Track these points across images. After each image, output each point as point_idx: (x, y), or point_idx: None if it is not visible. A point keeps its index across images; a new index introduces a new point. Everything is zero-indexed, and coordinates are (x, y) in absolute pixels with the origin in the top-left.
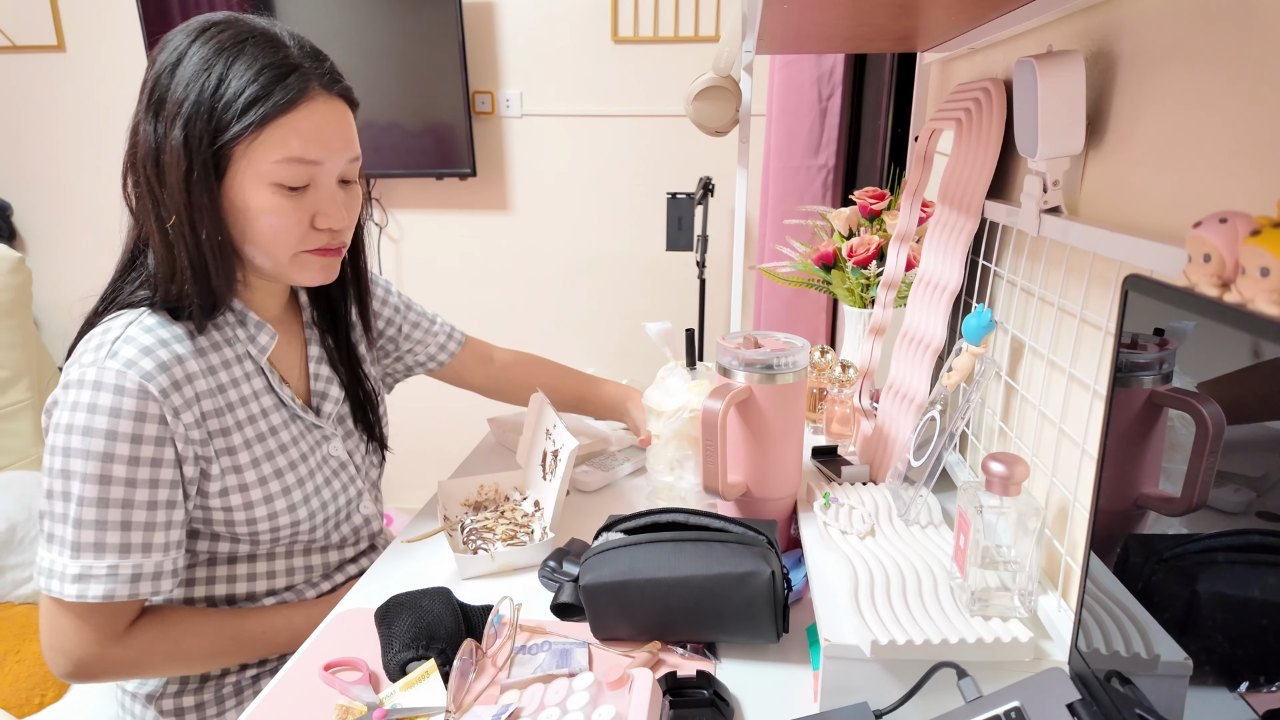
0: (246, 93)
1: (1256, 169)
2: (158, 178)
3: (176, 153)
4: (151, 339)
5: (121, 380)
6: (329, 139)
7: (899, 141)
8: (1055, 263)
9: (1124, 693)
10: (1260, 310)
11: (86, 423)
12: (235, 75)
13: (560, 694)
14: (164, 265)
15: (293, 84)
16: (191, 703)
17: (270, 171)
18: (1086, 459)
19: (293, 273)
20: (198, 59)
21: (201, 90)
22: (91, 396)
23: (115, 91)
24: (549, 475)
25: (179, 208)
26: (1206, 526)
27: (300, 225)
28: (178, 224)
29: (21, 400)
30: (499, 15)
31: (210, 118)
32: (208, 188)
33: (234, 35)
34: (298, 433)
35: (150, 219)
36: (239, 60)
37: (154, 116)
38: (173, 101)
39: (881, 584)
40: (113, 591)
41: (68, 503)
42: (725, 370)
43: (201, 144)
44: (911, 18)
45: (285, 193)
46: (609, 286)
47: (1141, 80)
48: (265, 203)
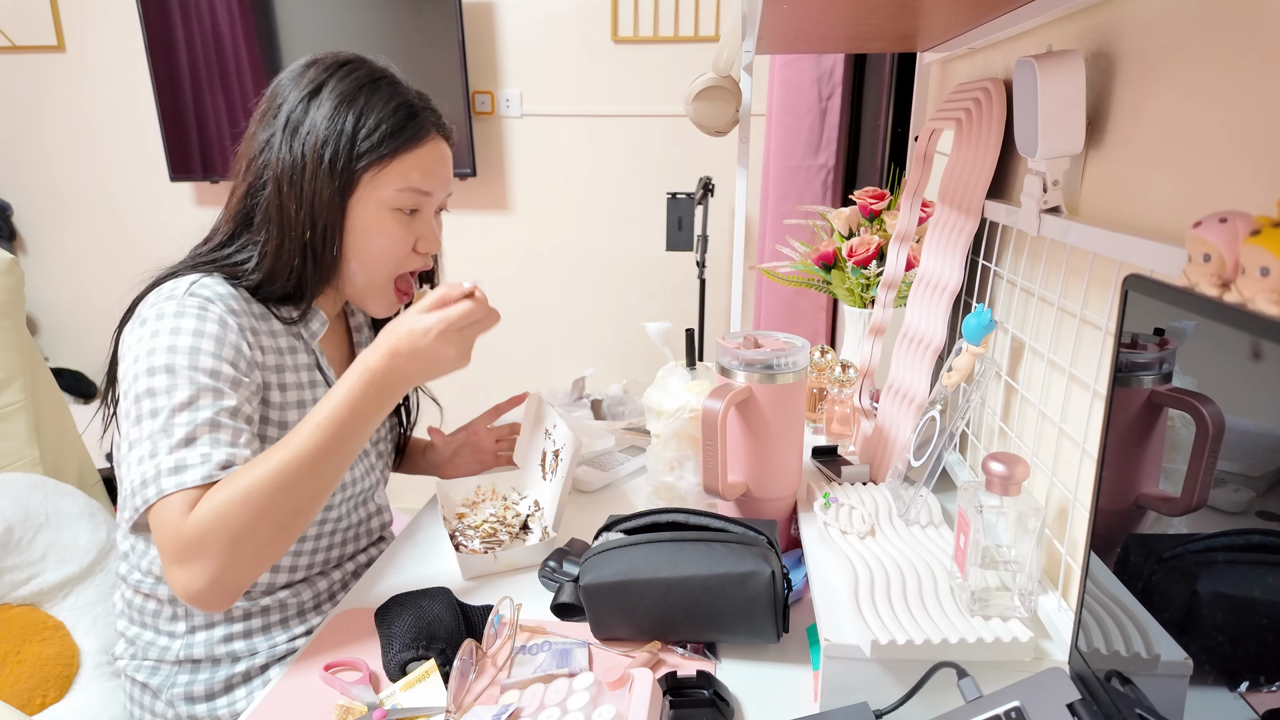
0: (384, 126)
1: (1256, 169)
2: (294, 193)
3: (320, 173)
4: (224, 289)
5: (202, 309)
6: (441, 175)
7: (899, 141)
8: (1055, 263)
9: (1124, 692)
10: (1260, 310)
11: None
12: (374, 109)
13: (560, 694)
14: (274, 264)
15: (419, 123)
16: (202, 691)
17: (391, 198)
18: (1086, 459)
19: (372, 298)
20: (339, 91)
21: (345, 120)
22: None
23: (115, 91)
24: (548, 475)
25: (313, 223)
26: (1207, 526)
27: (405, 249)
28: (311, 237)
29: (15, 402)
30: (499, 15)
31: (351, 145)
32: (341, 206)
33: (369, 74)
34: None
35: (274, 227)
36: (376, 96)
37: (291, 137)
38: (316, 127)
39: (882, 584)
40: (209, 475)
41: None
42: (725, 370)
43: (340, 167)
44: (911, 18)
45: (399, 218)
46: (609, 286)
47: (1141, 80)
48: (383, 225)
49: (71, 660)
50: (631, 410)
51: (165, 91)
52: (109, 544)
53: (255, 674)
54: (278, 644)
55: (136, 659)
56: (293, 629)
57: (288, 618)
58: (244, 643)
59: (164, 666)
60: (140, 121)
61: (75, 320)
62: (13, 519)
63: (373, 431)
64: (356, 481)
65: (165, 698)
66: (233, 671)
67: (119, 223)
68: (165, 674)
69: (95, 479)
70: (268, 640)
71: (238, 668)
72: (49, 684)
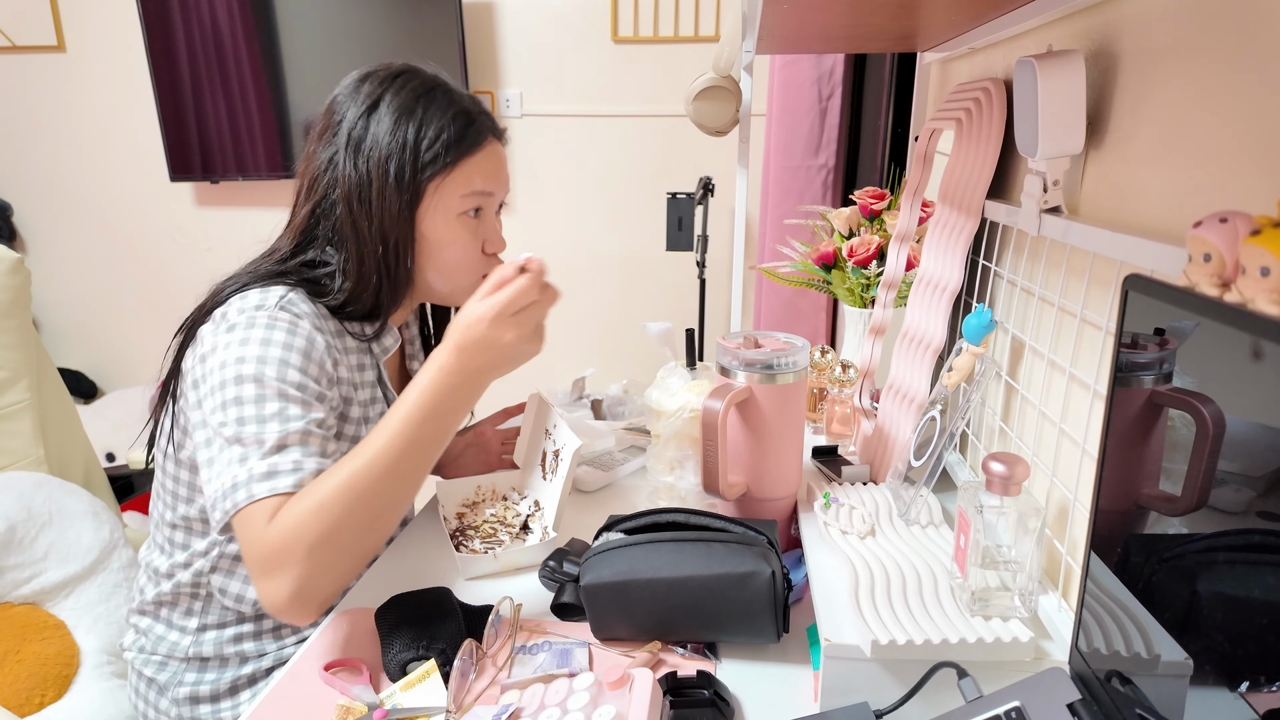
0: (444, 135)
1: (1257, 168)
2: (364, 210)
3: (389, 188)
4: (310, 308)
5: (293, 324)
6: (500, 175)
7: (899, 141)
8: (1055, 262)
9: (1124, 692)
10: (1260, 310)
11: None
12: (433, 119)
13: (560, 694)
14: (356, 284)
15: (477, 129)
16: (208, 693)
17: (458, 204)
18: (1087, 459)
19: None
20: (398, 104)
21: (407, 133)
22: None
23: (115, 91)
24: (549, 475)
25: (385, 238)
26: (1207, 526)
27: (476, 253)
28: (384, 252)
29: (21, 401)
30: (499, 15)
31: (415, 157)
32: (410, 219)
33: (423, 84)
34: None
35: (351, 246)
36: (434, 106)
37: (354, 154)
38: (379, 142)
39: (882, 584)
40: (300, 481)
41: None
42: (725, 370)
43: (406, 179)
44: (911, 18)
45: (466, 224)
46: (609, 286)
47: (1141, 80)
48: (452, 234)
49: (71, 660)
50: (631, 410)
51: (165, 91)
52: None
53: (261, 677)
54: (286, 646)
55: (145, 652)
56: (303, 631)
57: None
58: (253, 644)
59: (172, 662)
60: (140, 121)
61: (75, 320)
62: (15, 518)
63: (453, 432)
64: None
65: (171, 695)
66: (239, 673)
67: (119, 223)
68: (173, 670)
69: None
70: (277, 642)
71: (244, 670)
72: (48, 683)
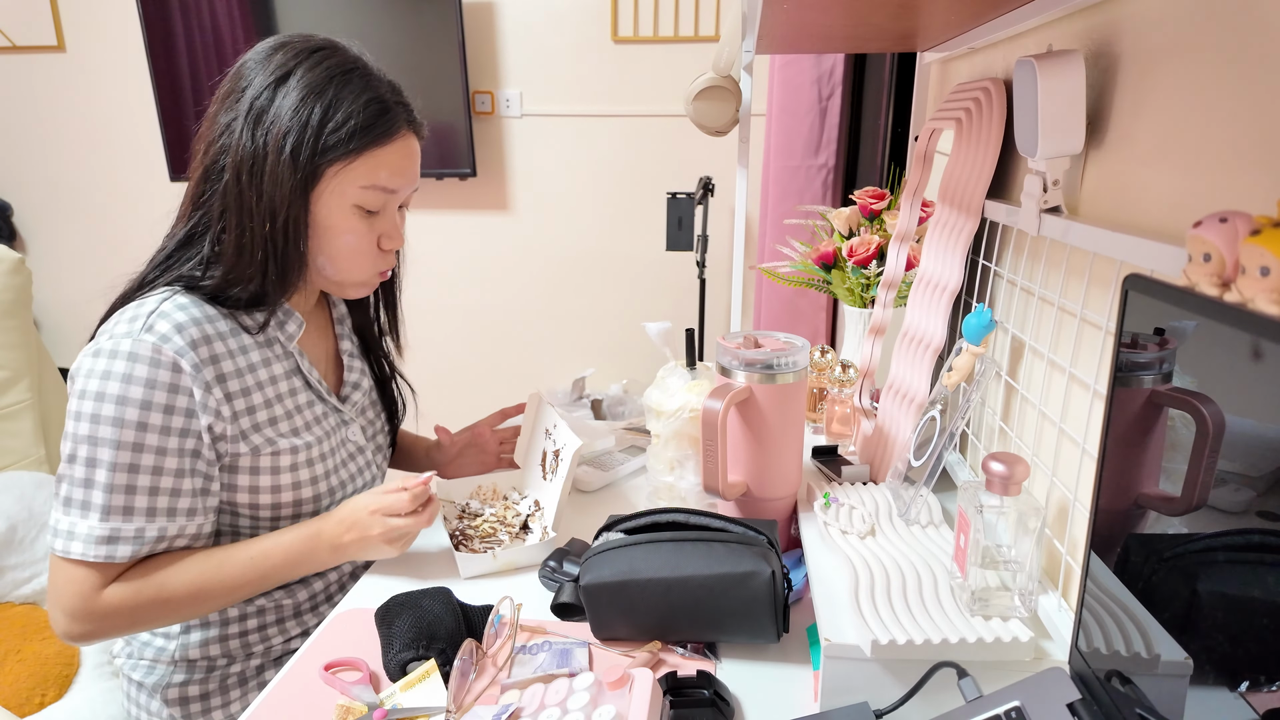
0: (352, 121)
1: (1257, 168)
2: (253, 184)
3: (282, 165)
4: (185, 316)
5: (156, 354)
6: (408, 172)
7: (899, 141)
8: (1055, 262)
9: (1124, 692)
10: (1260, 310)
11: (121, 392)
12: (344, 102)
13: (560, 694)
14: (235, 261)
15: (390, 120)
16: (197, 693)
17: (357, 195)
18: (1087, 458)
19: (350, 290)
20: (309, 81)
21: (313, 112)
22: (126, 367)
23: (115, 91)
24: (549, 475)
25: (273, 216)
26: (1207, 526)
27: (371, 246)
28: (271, 231)
29: (22, 400)
30: (499, 15)
31: (318, 138)
32: (303, 200)
33: (340, 64)
34: (320, 413)
35: (233, 217)
36: (347, 88)
37: (254, 124)
38: (280, 116)
39: (882, 584)
40: (138, 552)
41: (94, 469)
42: (725, 370)
43: (303, 159)
44: (911, 17)
45: (363, 215)
46: (609, 286)
47: (1142, 80)
48: (347, 223)
49: (71, 660)
50: (631, 410)
51: (165, 91)
52: None
53: (251, 675)
54: (273, 645)
55: (133, 658)
56: (289, 630)
57: (283, 619)
58: (239, 642)
59: (159, 666)
60: (140, 121)
61: (75, 320)
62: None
63: (296, 578)
64: (345, 484)
65: (161, 697)
66: (227, 673)
67: (119, 223)
68: (161, 673)
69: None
70: (263, 642)
71: (233, 669)
72: (49, 683)
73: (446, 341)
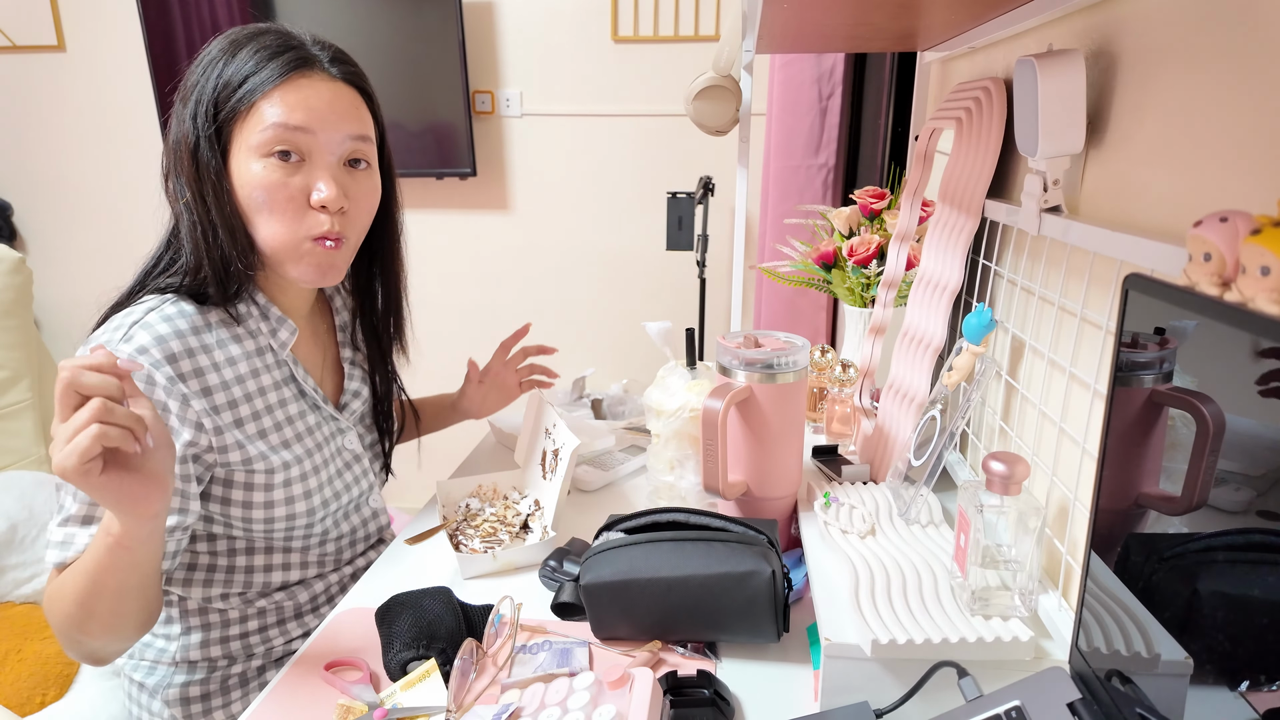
0: (243, 71)
1: (1257, 168)
2: (176, 162)
3: (188, 135)
4: (168, 328)
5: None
6: (319, 110)
7: (899, 140)
8: (1055, 262)
9: (1125, 692)
10: (1261, 309)
11: None
12: (240, 61)
13: (561, 693)
14: (189, 247)
15: (286, 60)
16: (198, 693)
17: (260, 142)
18: (1087, 458)
19: (291, 264)
20: (215, 50)
21: (210, 75)
22: None
23: (115, 91)
24: (549, 475)
25: (192, 186)
26: (1207, 525)
27: (294, 202)
28: (193, 202)
29: (22, 400)
30: (499, 15)
31: (214, 98)
32: (214, 166)
33: (252, 32)
34: (315, 422)
35: (183, 205)
36: (246, 48)
37: (181, 104)
38: (188, 89)
39: (882, 583)
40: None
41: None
42: (725, 370)
43: (206, 123)
44: (911, 17)
45: (277, 164)
46: (609, 286)
47: (1142, 79)
48: (258, 175)
49: (72, 660)
50: (631, 410)
51: (165, 91)
52: None
53: (252, 676)
54: (274, 646)
55: (134, 658)
56: (290, 631)
57: (284, 620)
58: (239, 643)
59: (160, 667)
60: (140, 121)
61: (75, 320)
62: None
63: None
64: (340, 495)
65: (162, 698)
66: (229, 673)
67: (119, 223)
68: (162, 674)
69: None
70: (264, 643)
71: (234, 669)
72: (49, 682)
73: (446, 341)
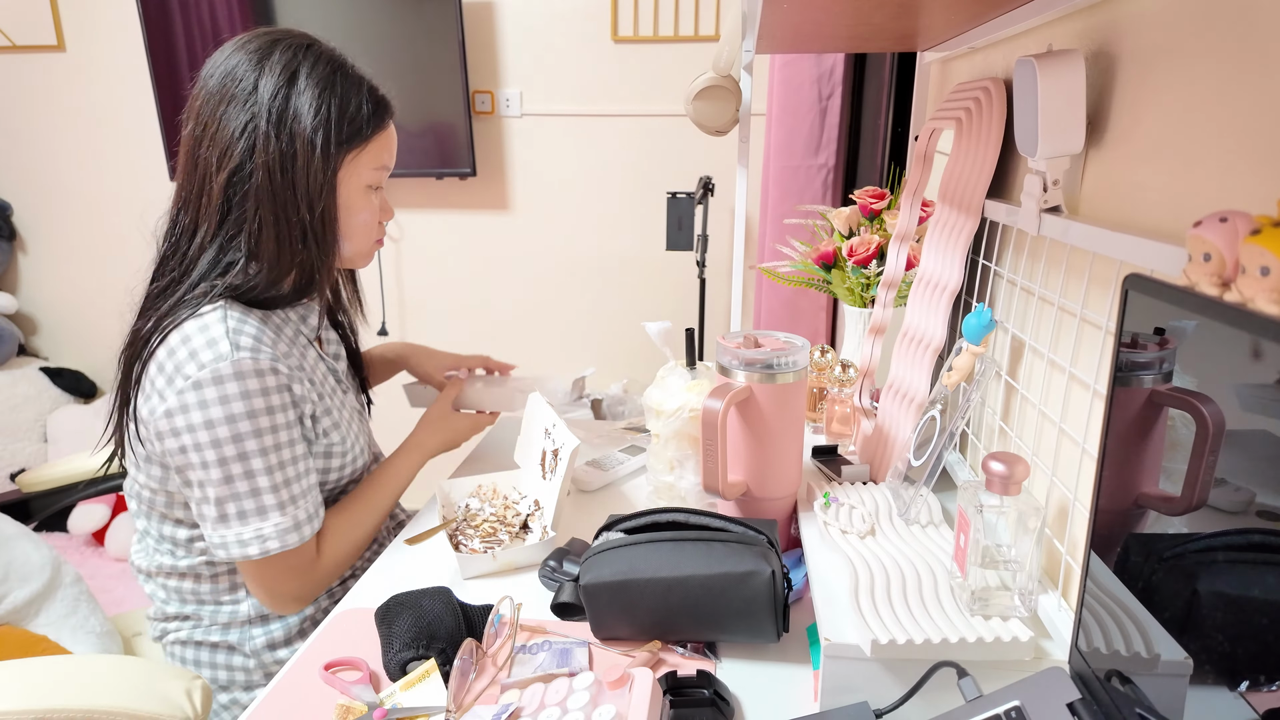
0: (365, 109)
1: (1257, 168)
2: (286, 180)
3: (315, 159)
4: (253, 328)
5: (256, 365)
6: (395, 150)
7: (899, 141)
8: (1055, 262)
9: (1124, 692)
10: (1260, 309)
11: (246, 408)
12: (350, 95)
13: (560, 693)
14: (276, 255)
15: (385, 107)
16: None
17: (370, 176)
18: (1087, 458)
19: (360, 260)
20: (317, 77)
21: (330, 105)
22: (238, 386)
23: (115, 91)
24: (548, 474)
25: (311, 206)
26: (1207, 526)
27: (376, 220)
28: (311, 219)
29: None
30: (499, 15)
31: (340, 129)
32: (333, 188)
33: (332, 58)
34: (340, 389)
35: (268, 214)
36: (348, 81)
37: (277, 124)
38: (301, 114)
39: (882, 583)
40: (314, 527)
41: (253, 479)
42: (725, 370)
43: (331, 151)
44: (911, 17)
45: (372, 193)
46: (609, 286)
47: (1142, 79)
48: (363, 201)
49: None
50: (631, 410)
51: (165, 91)
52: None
53: (321, 617)
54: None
55: (203, 625)
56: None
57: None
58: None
59: (234, 626)
60: (140, 121)
61: (75, 320)
62: None
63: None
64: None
65: (247, 649)
66: (303, 616)
67: (119, 223)
68: (239, 631)
69: None
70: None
71: (306, 611)
72: None
73: (446, 341)
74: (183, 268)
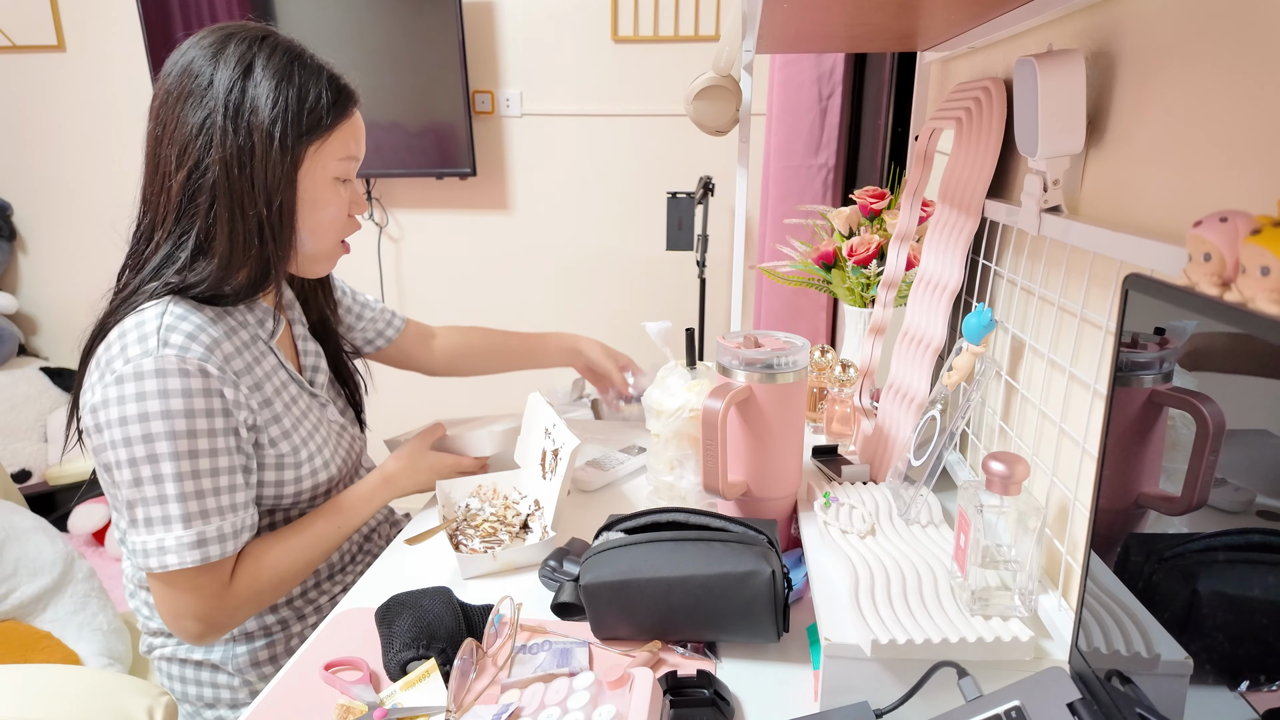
0: (324, 99)
1: (1257, 168)
2: (244, 174)
3: (272, 152)
4: (190, 325)
5: (182, 364)
6: (363, 140)
7: (899, 141)
8: (1055, 262)
9: (1124, 692)
10: (1260, 309)
11: (162, 408)
12: (310, 84)
13: (561, 693)
14: (229, 251)
15: (348, 95)
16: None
17: (335, 167)
18: (1087, 458)
19: (321, 263)
20: (274, 68)
21: (288, 96)
22: (158, 384)
23: (115, 91)
24: (549, 474)
25: (269, 201)
26: (1207, 525)
27: (345, 214)
28: (268, 215)
29: None
30: (499, 15)
31: (299, 120)
32: (294, 182)
33: (289, 47)
34: (307, 403)
35: (224, 210)
36: (306, 70)
37: (234, 118)
38: (259, 106)
39: (882, 583)
40: (225, 549)
41: (161, 484)
42: (725, 370)
43: (289, 143)
44: (911, 17)
45: (340, 186)
46: (609, 286)
47: (1142, 79)
48: (332, 195)
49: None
50: (631, 410)
51: None
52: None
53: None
54: (323, 607)
55: (186, 643)
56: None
57: (319, 581)
58: (289, 610)
59: (217, 645)
60: (140, 121)
61: (75, 320)
62: None
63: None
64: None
65: (230, 667)
66: (289, 633)
67: (119, 223)
68: (223, 650)
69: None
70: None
71: (294, 628)
72: None
73: None
74: (136, 267)
